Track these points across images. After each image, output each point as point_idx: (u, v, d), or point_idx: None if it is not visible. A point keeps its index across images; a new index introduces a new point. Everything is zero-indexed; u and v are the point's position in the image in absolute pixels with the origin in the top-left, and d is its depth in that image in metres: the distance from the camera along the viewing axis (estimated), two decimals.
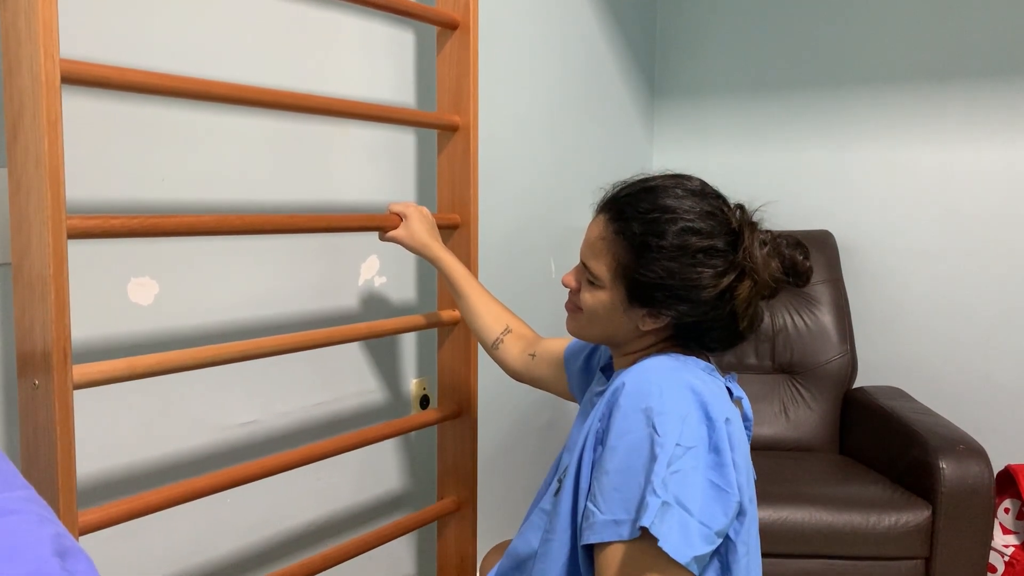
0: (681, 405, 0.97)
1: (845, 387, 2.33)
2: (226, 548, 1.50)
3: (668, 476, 0.93)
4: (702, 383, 1.01)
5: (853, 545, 1.79)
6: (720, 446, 0.97)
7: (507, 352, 1.48)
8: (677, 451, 0.94)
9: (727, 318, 1.06)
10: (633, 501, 0.94)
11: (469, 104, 1.67)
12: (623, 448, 0.97)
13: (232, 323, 1.48)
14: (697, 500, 0.93)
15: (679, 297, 1.04)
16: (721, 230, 1.05)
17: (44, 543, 0.58)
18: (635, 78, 2.73)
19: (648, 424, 0.96)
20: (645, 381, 1.00)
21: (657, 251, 1.04)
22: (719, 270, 1.04)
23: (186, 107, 1.38)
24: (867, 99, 2.56)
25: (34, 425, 1.08)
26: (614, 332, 1.13)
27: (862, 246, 2.56)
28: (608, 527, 0.96)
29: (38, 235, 1.05)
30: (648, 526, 0.90)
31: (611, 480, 0.97)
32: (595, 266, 1.11)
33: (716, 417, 0.98)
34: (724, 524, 0.95)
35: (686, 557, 0.91)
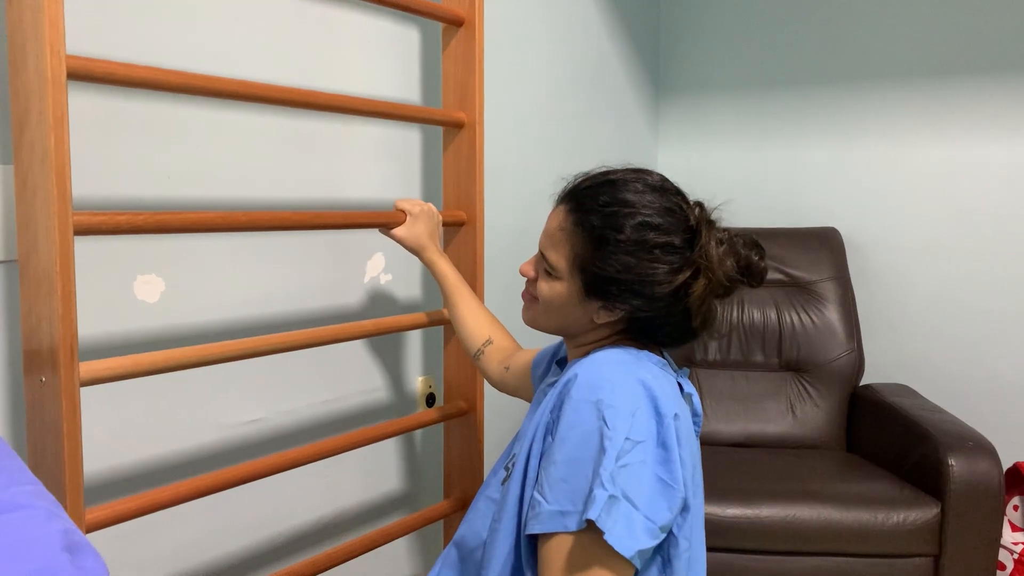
0: (631, 399, 0.98)
1: (852, 384, 2.32)
2: (232, 546, 1.50)
3: (616, 470, 0.93)
4: (653, 378, 1.01)
5: (861, 543, 1.78)
6: (668, 442, 0.97)
7: (487, 363, 1.50)
8: (626, 445, 0.94)
9: (681, 315, 1.07)
10: (580, 493, 0.94)
11: (475, 100, 1.67)
12: (572, 439, 0.97)
13: (238, 321, 1.47)
14: (644, 494, 0.94)
15: (634, 292, 1.05)
16: (679, 227, 1.05)
17: (53, 538, 0.58)
18: (639, 75, 2.72)
19: (599, 417, 0.96)
20: (597, 374, 1.00)
21: (615, 245, 1.05)
22: (675, 267, 1.04)
23: (191, 105, 1.38)
24: (873, 95, 2.55)
25: (41, 422, 1.07)
26: (569, 323, 1.13)
27: (868, 243, 2.55)
28: (554, 518, 0.96)
29: (44, 231, 1.04)
30: (595, 519, 0.90)
31: (559, 471, 0.97)
32: (553, 257, 1.11)
33: (665, 412, 0.98)
34: (668, 519, 0.95)
35: (630, 551, 0.91)
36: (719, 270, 1.05)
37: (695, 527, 1.05)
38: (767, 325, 2.38)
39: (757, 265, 1.11)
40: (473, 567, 1.13)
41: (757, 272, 1.11)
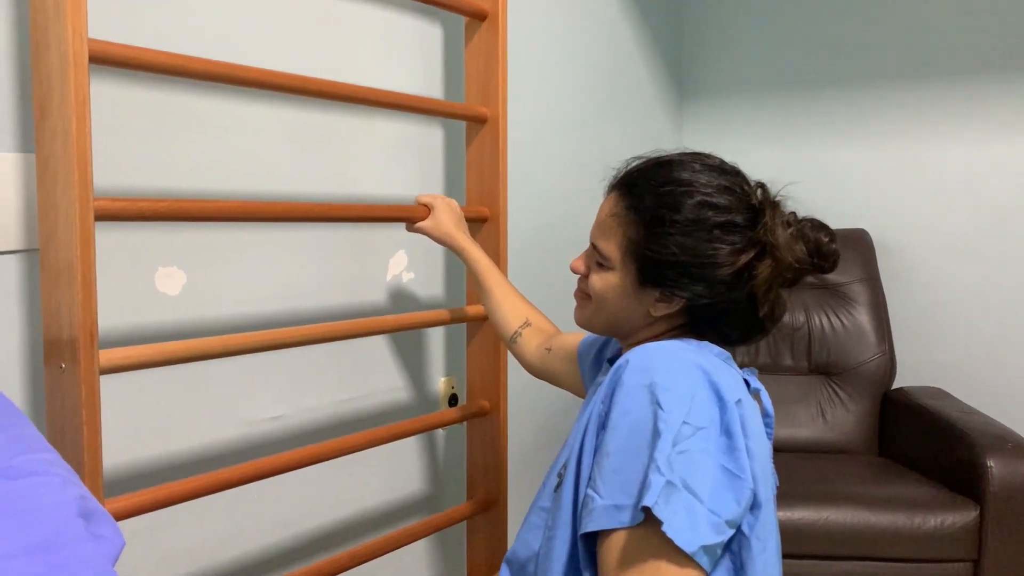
0: (689, 382, 0.89)
1: (884, 388, 2.27)
2: (254, 545, 1.47)
3: (674, 456, 0.84)
4: (713, 366, 0.92)
5: (898, 547, 1.73)
6: (732, 429, 0.88)
7: (524, 346, 1.44)
8: (684, 430, 0.85)
9: (745, 302, 0.98)
10: (634, 483, 0.85)
11: (498, 95, 1.65)
12: (625, 427, 0.89)
13: (259, 316, 1.46)
14: (707, 485, 0.84)
15: (693, 276, 0.97)
16: (740, 206, 0.98)
17: (68, 504, 0.56)
18: (663, 76, 2.70)
19: (652, 401, 0.87)
20: (650, 358, 0.91)
21: (671, 226, 0.97)
22: (737, 247, 0.96)
23: (214, 97, 1.37)
24: (902, 94, 2.51)
25: (61, 409, 1.06)
26: (624, 319, 1.05)
27: (899, 244, 2.50)
28: (608, 513, 0.86)
29: (65, 216, 1.03)
30: (651, 506, 0.81)
31: (611, 462, 0.88)
32: (604, 245, 1.04)
33: (727, 398, 0.89)
34: (736, 513, 0.85)
35: (693, 546, 0.81)
36: (786, 252, 0.97)
37: (769, 528, 0.94)
38: (796, 328, 2.33)
39: (828, 247, 1.02)
40: None
41: (829, 255, 1.02)
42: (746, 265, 0.96)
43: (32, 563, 0.50)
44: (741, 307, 0.99)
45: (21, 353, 1.14)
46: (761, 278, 0.97)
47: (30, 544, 0.51)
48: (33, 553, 0.51)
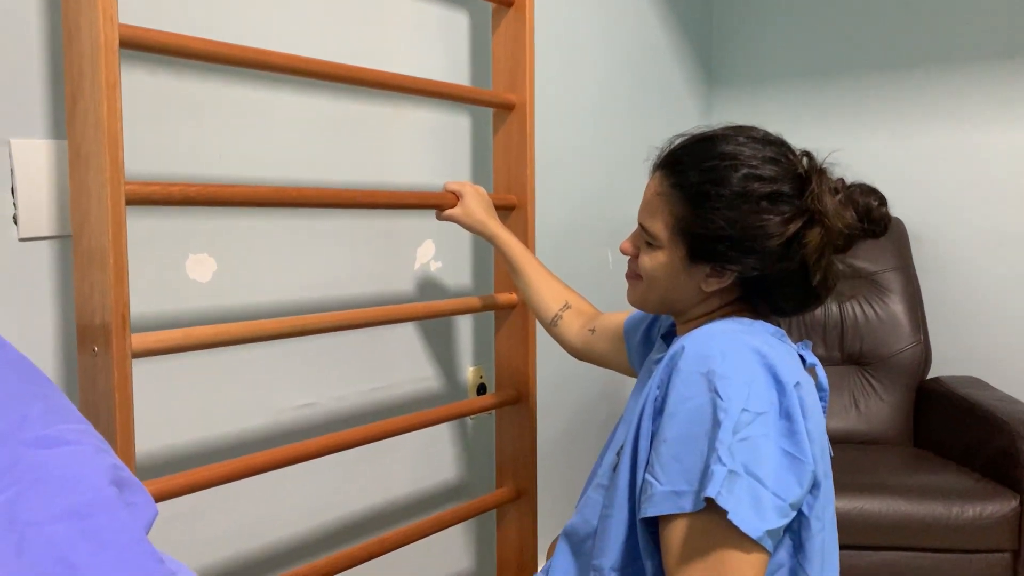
0: (746, 369, 0.90)
1: (919, 378, 2.23)
2: (284, 532, 1.48)
3: (735, 443, 0.85)
4: (769, 347, 0.93)
5: (935, 537, 1.70)
6: (792, 412, 0.89)
7: (566, 329, 1.43)
8: (744, 416, 0.86)
9: (797, 272, 0.98)
10: (694, 471, 0.87)
11: (525, 82, 1.64)
12: (683, 415, 0.90)
13: (288, 304, 1.46)
14: (769, 469, 0.85)
15: (743, 248, 0.96)
16: (786, 176, 0.98)
17: (101, 473, 0.56)
18: (692, 64, 2.67)
19: (710, 388, 0.88)
20: (706, 344, 0.92)
21: (717, 200, 0.97)
22: (785, 216, 0.96)
23: (243, 85, 1.37)
24: (936, 80, 2.46)
25: (93, 393, 1.07)
26: (676, 297, 1.05)
27: (933, 233, 2.46)
28: (667, 499, 0.88)
29: (97, 200, 1.04)
30: (714, 497, 0.83)
31: (670, 449, 0.90)
32: (652, 225, 1.04)
33: (786, 381, 0.90)
34: (799, 495, 0.87)
35: (758, 531, 0.83)
36: (835, 219, 0.97)
37: (827, 508, 0.96)
38: (828, 317, 2.30)
39: (878, 211, 1.03)
40: (584, 558, 1.06)
41: (879, 218, 1.03)
42: (795, 234, 0.96)
43: (67, 528, 0.51)
44: (793, 277, 0.98)
45: (54, 339, 1.15)
46: (812, 246, 0.96)
47: (65, 510, 0.51)
48: (68, 519, 0.51)
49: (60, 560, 0.50)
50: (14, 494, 0.52)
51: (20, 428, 0.56)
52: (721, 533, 0.85)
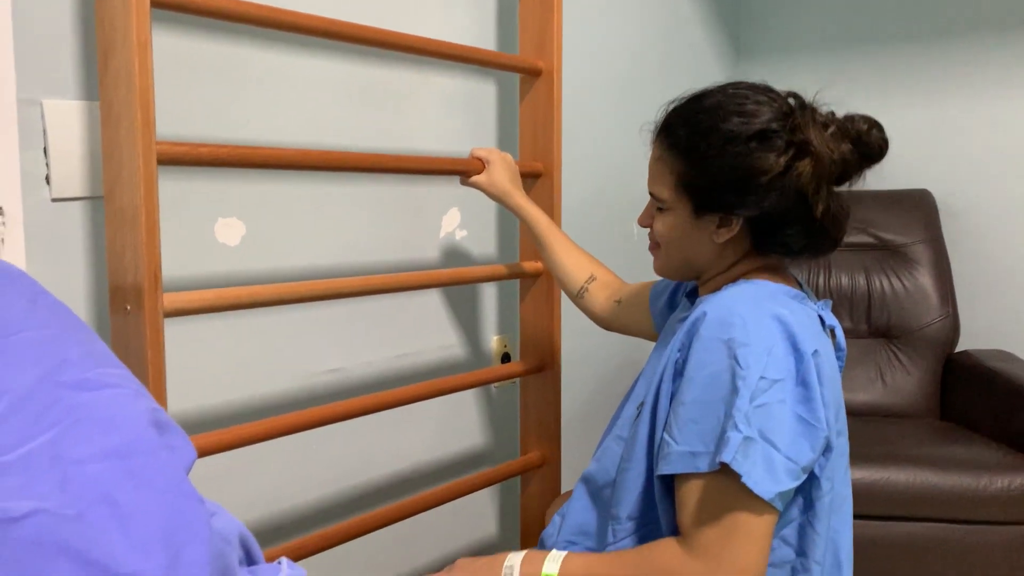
0: (766, 336, 0.93)
1: (947, 351, 2.21)
2: (310, 495, 1.49)
3: (751, 410, 0.89)
4: (790, 312, 0.96)
5: (962, 508, 1.68)
6: (808, 379, 0.93)
7: (593, 301, 1.44)
8: (762, 384, 0.90)
9: (802, 210, 1.00)
10: (710, 434, 0.92)
11: (553, 48, 1.63)
12: (701, 380, 0.94)
13: (315, 269, 1.47)
14: (784, 434, 0.90)
15: (741, 190, 0.99)
16: (772, 114, 1.00)
17: (141, 415, 0.56)
18: (719, 35, 2.64)
19: (730, 356, 0.92)
20: (727, 311, 0.95)
21: (708, 148, 1.01)
22: (774, 151, 0.98)
23: (271, 48, 1.37)
24: (966, 49, 2.41)
25: (125, 351, 1.08)
26: (694, 255, 1.08)
27: (963, 205, 2.42)
28: (683, 458, 0.93)
29: (129, 160, 1.04)
30: (729, 462, 0.87)
31: (688, 411, 0.94)
32: (658, 190, 1.08)
33: (805, 349, 0.93)
34: (811, 459, 0.92)
35: (769, 493, 0.88)
36: (824, 148, 0.99)
37: (837, 468, 1.00)
38: (855, 290, 2.28)
39: (869, 135, 1.03)
40: (602, 504, 1.11)
41: (872, 143, 1.04)
42: (787, 167, 0.98)
43: (110, 468, 0.51)
44: (797, 213, 1.01)
45: (87, 299, 1.17)
46: (805, 177, 0.98)
47: (108, 450, 0.52)
48: (111, 458, 0.52)
49: (103, 498, 0.50)
50: (56, 434, 0.53)
51: (60, 371, 0.57)
52: (734, 493, 0.90)
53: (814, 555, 0.98)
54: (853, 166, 1.03)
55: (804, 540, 0.98)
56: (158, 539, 0.49)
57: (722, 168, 1.00)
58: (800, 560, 0.98)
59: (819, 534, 0.97)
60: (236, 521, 0.59)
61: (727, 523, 0.90)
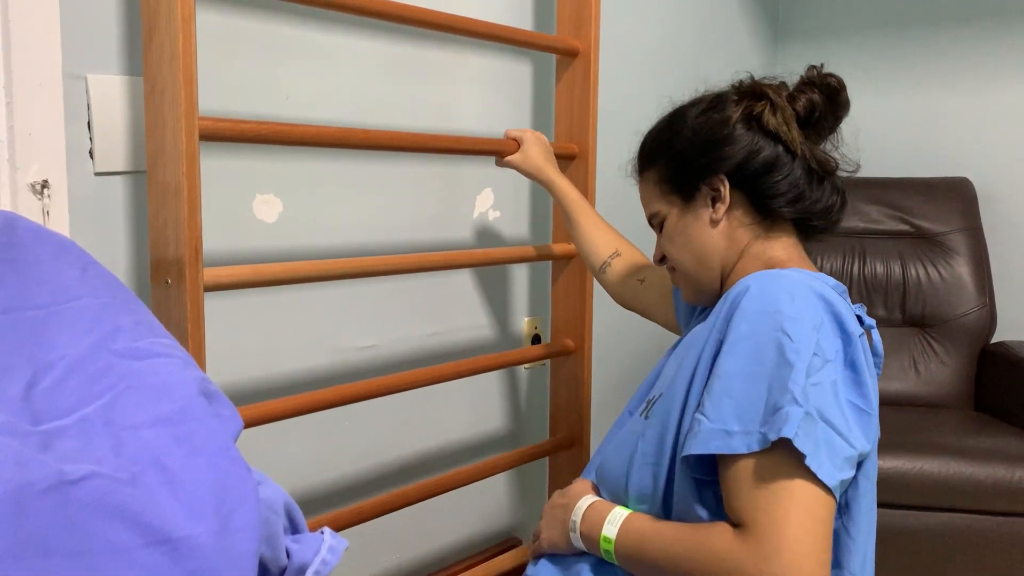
0: (814, 312, 0.85)
1: (983, 341, 2.18)
2: (342, 470, 1.51)
3: (808, 387, 0.80)
4: (831, 296, 0.89)
5: (996, 500, 1.67)
6: (856, 362, 0.86)
7: (614, 276, 1.41)
8: (815, 361, 0.81)
9: (781, 153, 0.99)
10: (750, 411, 0.82)
11: (591, 29, 1.62)
12: (743, 351, 0.85)
13: (351, 246, 1.48)
14: (841, 418, 0.81)
15: (710, 148, 1.01)
16: (727, 91, 1.05)
17: (191, 384, 0.57)
18: (758, 16, 2.60)
19: (777, 328, 0.83)
20: (773, 284, 0.88)
21: (672, 137, 1.06)
22: (730, 103, 1.02)
23: (311, 27, 1.38)
24: (1008, 33, 2.36)
25: (166, 323, 1.09)
26: (704, 251, 1.03)
27: (1004, 194, 2.38)
28: (715, 436, 0.82)
29: (172, 134, 1.06)
30: (791, 438, 0.77)
31: (724, 385, 0.84)
32: (650, 208, 1.10)
33: (852, 330, 0.86)
34: (866, 448, 0.83)
35: (834, 479, 0.78)
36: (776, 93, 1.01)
37: (871, 468, 0.93)
38: (890, 278, 2.25)
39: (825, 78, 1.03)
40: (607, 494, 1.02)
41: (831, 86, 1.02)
42: (745, 113, 1.01)
43: (161, 434, 0.52)
44: (777, 156, 1.00)
45: (128, 271, 1.18)
46: (770, 120, 0.99)
47: (159, 416, 0.53)
48: (162, 424, 0.53)
49: (154, 463, 0.51)
50: (109, 400, 0.54)
51: (112, 339, 0.58)
52: (789, 474, 0.79)
53: (850, 567, 0.89)
54: (814, 103, 1.01)
55: (840, 548, 0.89)
56: (209, 504, 0.50)
57: (688, 141, 1.03)
58: (836, 572, 0.89)
59: (855, 541, 0.89)
60: (281, 490, 0.60)
61: (784, 504, 0.78)
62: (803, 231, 1.05)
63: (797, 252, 1.03)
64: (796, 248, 1.03)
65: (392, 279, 1.55)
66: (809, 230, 1.04)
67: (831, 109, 1.02)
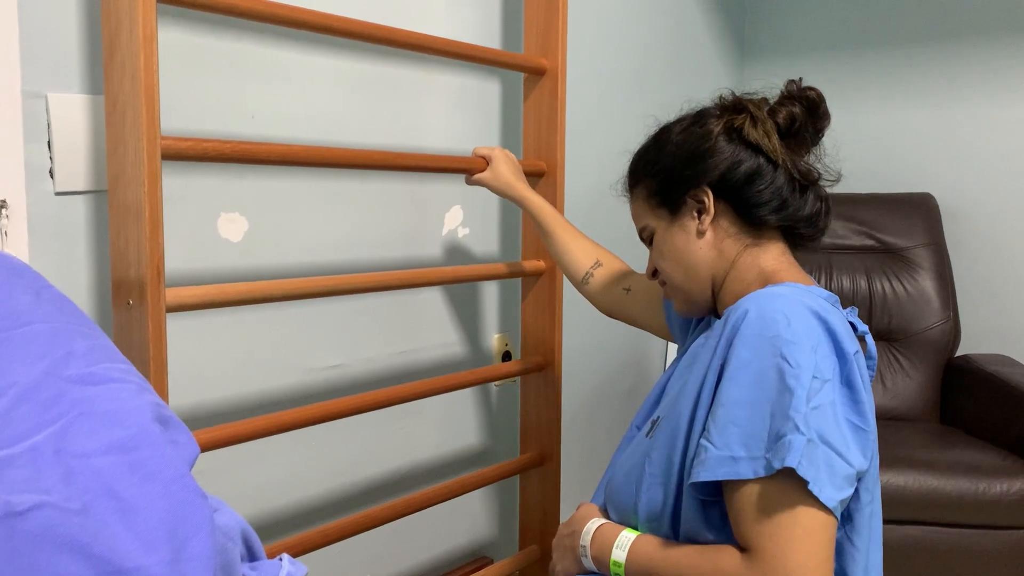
0: (811, 334, 0.88)
1: (947, 355, 2.21)
2: (309, 491, 1.49)
3: (809, 412, 0.84)
4: (826, 311, 0.91)
5: (961, 512, 1.69)
6: (852, 380, 0.89)
7: (597, 287, 1.41)
8: (815, 384, 0.85)
9: (760, 160, 1.02)
10: (755, 437, 0.86)
11: (557, 47, 1.63)
12: (745, 379, 0.88)
13: (318, 265, 1.47)
14: (842, 438, 0.85)
15: (694, 161, 1.04)
16: (708, 109, 1.08)
17: (145, 410, 0.56)
18: (724, 36, 2.64)
19: (776, 354, 0.87)
20: (770, 307, 0.90)
21: (658, 153, 1.09)
22: (712, 117, 1.05)
23: (276, 44, 1.37)
24: (969, 52, 2.41)
25: (128, 346, 1.08)
26: (693, 263, 1.05)
27: (967, 209, 2.42)
28: (722, 463, 0.86)
29: (133, 153, 1.04)
30: (795, 467, 0.81)
31: (727, 413, 0.88)
32: (640, 222, 1.13)
33: (847, 348, 0.89)
34: (864, 465, 0.87)
35: (833, 500, 0.83)
36: (756, 107, 1.03)
37: (874, 480, 0.96)
38: (857, 293, 2.28)
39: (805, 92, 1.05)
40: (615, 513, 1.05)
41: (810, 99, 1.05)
42: (728, 128, 1.03)
43: (114, 461, 0.51)
44: (759, 166, 1.02)
45: (89, 292, 1.17)
46: (750, 131, 1.02)
47: (111, 443, 0.52)
48: (115, 452, 0.52)
49: (107, 491, 0.50)
50: (60, 427, 0.53)
51: (65, 364, 0.57)
52: (793, 499, 0.84)
53: (854, 573, 0.93)
54: (794, 113, 1.04)
55: (843, 557, 0.93)
56: (162, 534, 0.49)
57: (672, 155, 1.06)
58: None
59: (858, 549, 0.93)
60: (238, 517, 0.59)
61: (789, 531, 0.83)
62: (791, 239, 1.07)
63: (787, 261, 1.05)
64: (786, 256, 1.05)
65: (361, 297, 1.54)
66: (797, 238, 1.07)
67: (811, 121, 1.05)
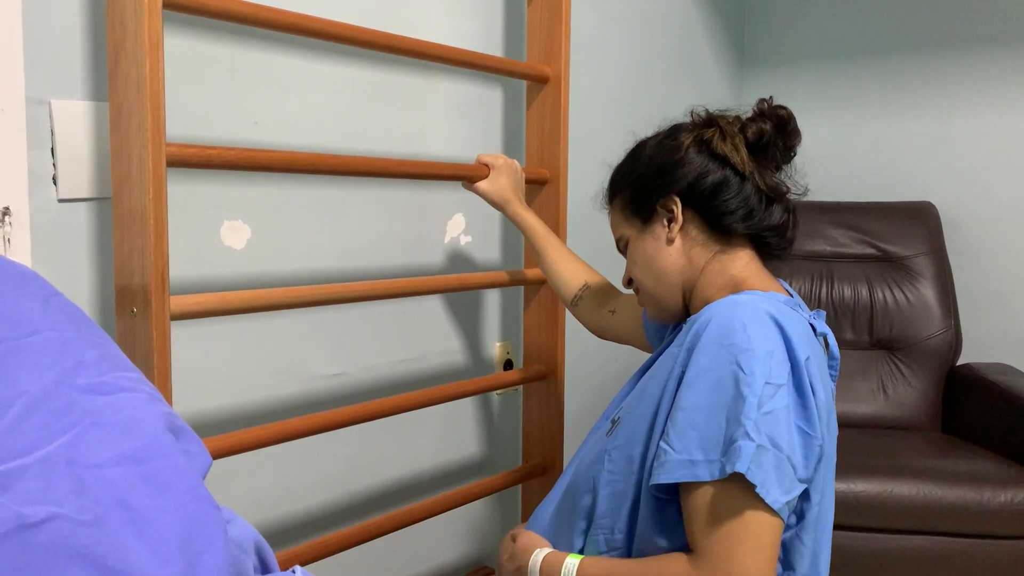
0: (767, 340, 0.93)
1: (949, 364, 2.20)
2: (311, 500, 1.48)
3: (760, 418, 0.88)
4: (785, 318, 0.96)
5: (964, 522, 1.68)
6: (803, 387, 0.93)
7: (586, 309, 1.45)
8: (767, 389, 0.90)
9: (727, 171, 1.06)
10: (711, 441, 0.90)
11: (561, 55, 1.63)
12: (703, 386, 0.93)
13: (321, 272, 1.46)
14: (791, 441, 0.90)
15: (664, 171, 1.09)
16: (682, 124, 1.14)
17: (157, 420, 0.55)
18: (724, 45, 2.64)
19: (732, 362, 0.91)
20: (729, 315, 0.95)
21: (635, 165, 1.14)
22: (684, 131, 1.11)
23: (280, 51, 1.37)
24: (972, 61, 2.42)
25: (132, 353, 1.07)
26: (663, 270, 1.10)
27: (967, 218, 2.42)
28: (681, 467, 0.91)
29: (138, 160, 1.04)
30: (744, 472, 0.86)
31: (687, 417, 0.93)
32: (617, 232, 1.18)
33: (799, 356, 0.94)
34: (809, 471, 0.92)
35: (779, 503, 0.88)
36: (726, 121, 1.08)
37: (827, 479, 1.00)
38: (858, 301, 2.28)
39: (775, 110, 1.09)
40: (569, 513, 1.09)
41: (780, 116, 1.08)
42: (696, 139, 1.08)
43: (126, 472, 0.50)
44: (726, 177, 1.06)
45: (93, 300, 1.16)
46: (718, 144, 1.06)
47: (124, 454, 0.51)
48: (127, 463, 0.51)
49: (119, 503, 0.50)
50: (72, 438, 0.52)
51: (75, 374, 0.56)
52: (742, 503, 0.89)
53: (801, 568, 0.98)
54: (762, 128, 1.07)
55: (791, 553, 0.98)
56: (175, 545, 0.48)
57: (646, 167, 1.12)
58: (787, 574, 0.99)
59: (806, 546, 0.98)
60: (251, 528, 0.58)
61: (736, 533, 0.89)
62: (760, 249, 1.11)
63: (755, 267, 1.09)
64: (754, 263, 1.09)
65: (362, 305, 1.53)
66: (766, 247, 1.11)
67: (781, 137, 1.09)
